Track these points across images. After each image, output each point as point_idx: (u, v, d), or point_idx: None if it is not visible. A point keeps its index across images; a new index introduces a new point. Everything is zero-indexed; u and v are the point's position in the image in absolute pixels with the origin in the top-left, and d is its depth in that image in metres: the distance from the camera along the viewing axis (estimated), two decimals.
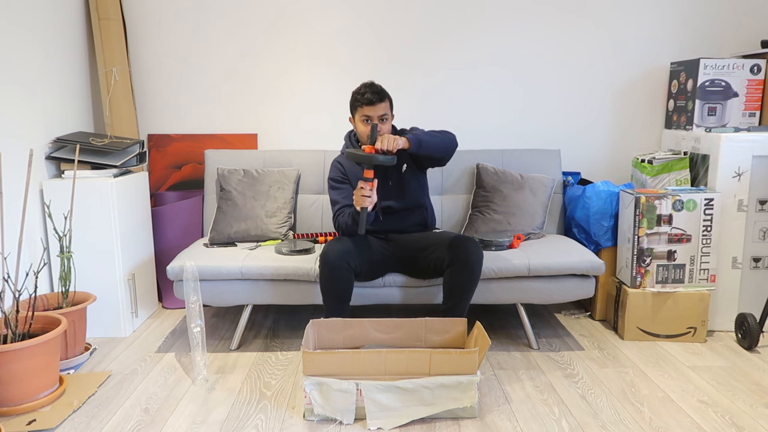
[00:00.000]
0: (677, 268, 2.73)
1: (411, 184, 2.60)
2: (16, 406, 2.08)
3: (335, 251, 2.34)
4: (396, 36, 3.31)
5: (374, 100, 2.46)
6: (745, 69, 2.98)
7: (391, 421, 2.02)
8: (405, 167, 2.59)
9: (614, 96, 3.39)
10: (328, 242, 2.43)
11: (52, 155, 2.77)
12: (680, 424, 2.03)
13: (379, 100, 2.46)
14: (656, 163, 2.98)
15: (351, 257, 2.36)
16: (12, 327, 2.15)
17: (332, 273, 2.33)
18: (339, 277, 2.34)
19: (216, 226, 2.93)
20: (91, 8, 3.11)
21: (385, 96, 2.49)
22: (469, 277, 2.37)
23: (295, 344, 2.74)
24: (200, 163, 3.34)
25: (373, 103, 2.46)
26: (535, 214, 2.96)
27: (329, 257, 2.33)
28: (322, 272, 2.35)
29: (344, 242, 2.41)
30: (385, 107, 2.48)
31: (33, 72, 2.68)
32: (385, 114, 2.48)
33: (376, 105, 2.46)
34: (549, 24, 3.30)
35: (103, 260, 2.75)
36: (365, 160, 2.29)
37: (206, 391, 2.28)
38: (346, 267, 2.34)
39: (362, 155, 2.29)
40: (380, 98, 2.47)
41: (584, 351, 2.65)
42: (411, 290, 2.60)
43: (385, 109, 2.48)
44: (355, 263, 2.37)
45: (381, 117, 2.47)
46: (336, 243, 2.39)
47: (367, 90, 2.48)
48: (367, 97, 2.46)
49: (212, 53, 3.31)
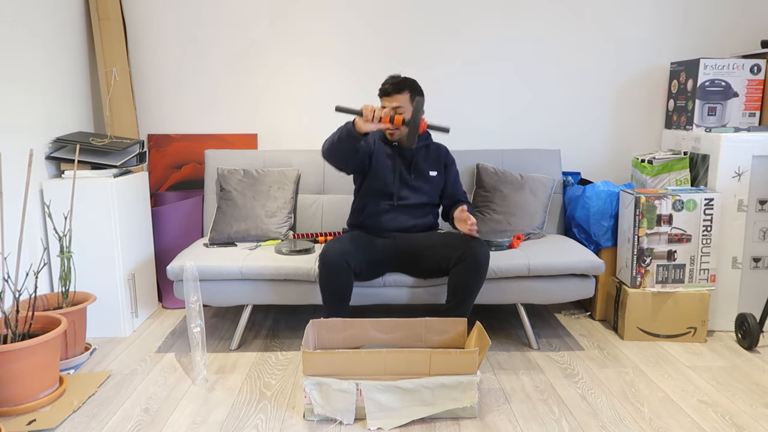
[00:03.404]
0: (677, 268, 2.73)
1: (432, 183, 2.65)
2: (16, 406, 2.08)
3: (334, 251, 2.34)
4: (396, 36, 3.31)
5: (390, 90, 2.48)
6: (745, 69, 2.98)
7: (391, 421, 2.02)
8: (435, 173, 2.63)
9: (614, 96, 3.39)
10: (327, 242, 2.43)
11: (52, 155, 2.77)
12: (680, 424, 2.03)
13: (395, 91, 2.48)
14: (656, 163, 2.98)
15: (350, 257, 2.36)
16: (12, 327, 2.15)
17: (332, 273, 2.33)
18: (338, 277, 2.34)
19: (216, 226, 2.93)
20: (91, 8, 3.11)
21: (404, 88, 2.48)
22: (475, 276, 2.37)
23: (295, 344, 2.74)
24: (200, 163, 3.34)
25: (389, 94, 2.49)
26: (535, 214, 2.96)
27: (328, 257, 2.33)
28: (321, 272, 2.35)
29: (343, 242, 2.41)
30: (401, 99, 2.48)
31: (33, 72, 2.68)
32: (400, 106, 2.48)
33: (391, 96, 2.49)
34: (549, 24, 3.30)
35: (103, 260, 2.75)
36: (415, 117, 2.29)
37: (206, 391, 2.28)
38: (345, 267, 2.34)
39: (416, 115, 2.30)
40: (397, 89, 2.48)
41: (584, 351, 2.65)
42: (411, 290, 2.60)
43: (401, 101, 2.48)
44: (354, 263, 2.37)
45: (395, 109, 2.48)
46: (335, 243, 2.39)
47: (387, 81, 2.51)
48: (384, 87, 2.50)
49: (212, 53, 3.31)
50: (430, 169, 2.65)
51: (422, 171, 2.63)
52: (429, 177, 2.64)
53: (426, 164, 2.65)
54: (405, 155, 2.63)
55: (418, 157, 2.64)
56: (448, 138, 3.33)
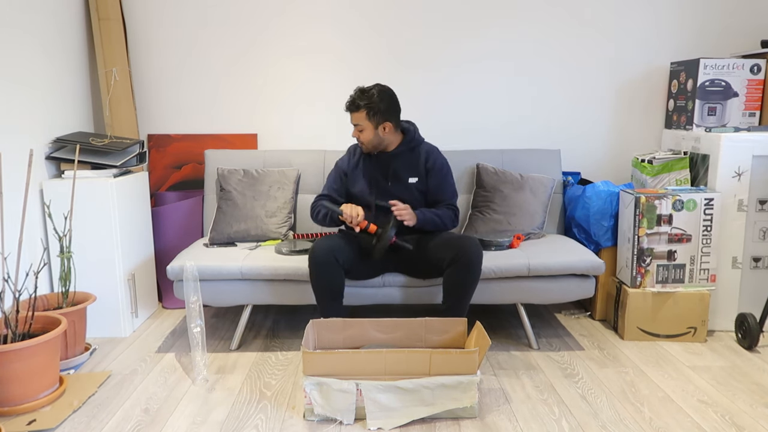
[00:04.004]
0: (677, 268, 2.73)
1: (412, 189, 2.61)
2: (16, 406, 2.08)
3: (322, 248, 2.35)
4: (397, 36, 3.31)
5: (347, 107, 2.52)
6: (745, 69, 2.98)
7: (391, 421, 2.02)
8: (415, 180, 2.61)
9: (614, 96, 3.39)
10: (316, 240, 2.44)
11: (52, 155, 2.77)
12: (680, 424, 2.03)
13: (352, 109, 2.51)
14: (656, 163, 2.98)
15: (339, 253, 2.36)
16: (12, 327, 2.15)
17: (320, 269, 2.34)
18: (328, 274, 2.34)
19: (216, 226, 2.93)
20: (91, 8, 3.11)
21: (360, 106, 2.46)
22: (469, 277, 2.37)
23: (295, 344, 2.74)
24: (200, 163, 3.34)
25: (348, 110, 2.53)
26: (535, 214, 2.96)
27: (316, 253, 2.35)
28: (311, 270, 2.37)
29: (332, 239, 2.42)
30: (358, 117, 2.50)
31: (33, 72, 2.68)
32: (358, 125, 2.52)
33: (351, 113, 2.52)
34: (549, 24, 3.30)
35: (103, 260, 2.75)
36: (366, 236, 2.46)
37: (206, 391, 2.28)
38: (334, 262, 2.34)
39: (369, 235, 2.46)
40: (353, 107, 2.50)
41: (584, 351, 2.65)
42: (411, 290, 2.60)
43: (358, 119, 2.51)
44: (343, 259, 2.37)
45: (356, 126, 2.53)
46: (324, 240, 2.41)
47: (350, 96, 2.52)
48: (346, 103, 2.52)
49: (212, 53, 3.31)
50: (410, 176, 2.60)
51: (400, 178, 2.59)
52: (408, 184, 2.59)
53: (405, 171, 2.60)
54: (382, 162, 2.60)
55: (397, 163, 2.60)
56: (448, 138, 3.33)
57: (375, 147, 2.57)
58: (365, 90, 2.49)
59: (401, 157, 2.61)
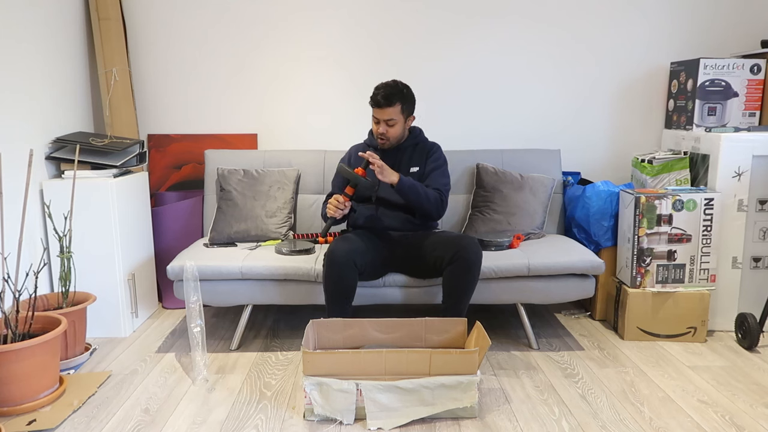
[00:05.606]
0: (677, 268, 2.73)
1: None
2: (16, 406, 2.08)
3: (342, 250, 2.34)
4: (397, 36, 3.31)
5: (382, 103, 2.46)
6: (745, 69, 2.98)
7: (391, 421, 2.02)
8: (416, 168, 2.60)
9: (614, 96, 3.39)
10: (333, 241, 2.44)
11: (52, 155, 2.77)
12: (680, 424, 2.03)
13: (386, 104, 2.46)
14: (656, 163, 2.98)
15: (357, 256, 2.36)
16: (12, 327, 2.15)
17: (340, 272, 2.32)
18: (346, 276, 2.34)
19: (216, 226, 2.93)
20: (91, 8, 3.11)
21: (395, 101, 2.46)
22: (468, 277, 2.37)
23: (295, 344, 2.74)
24: (200, 163, 3.34)
25: (381, 106, 2.47)
26: (535, 214, 2.96)
27: (336, 256, 2.32)
28: (328, 272, 2.34)
29: (350, 241, 2.41)
30: (392, 112, 2.47)
31: (33, 72, 2.68)
32: (391, 119, 2.48)
33: (383, 109, 2.47)
34: (549, 24, 3.30)
35: (103, 260, 2.75)
36: (350, 177, 2.41)
37: (206, 391, 2.28)
38: (352, 266, 2.34)
39: (349, 173, 2.41)
40: (388, 102, 2.45)
41: (584, 351, 2.65)
42: (411, 290, 2.60)
43: (392, 114, 2.47)
44: (360, 262, 2.37)
45: (387, 122, 2.48)
46: (342, 242, 2.39)
47: (379, 91, 2.47)
48: (376, 99, 2.47)
49: (212, 53, 3.31)
50: (412, 167, 2.60)
51: (402, 171, 2.57)
52: (409, 174, 2.59)
53: (409, 163, 2.61)
54: (389, 156, 2.61)
55: (401, 157, 2.61)
56: (448, 138, 3.33)
57: (398, 141, 2.58)
58: (393, 85, 2.49)
59: (408, 150, 2.64)
